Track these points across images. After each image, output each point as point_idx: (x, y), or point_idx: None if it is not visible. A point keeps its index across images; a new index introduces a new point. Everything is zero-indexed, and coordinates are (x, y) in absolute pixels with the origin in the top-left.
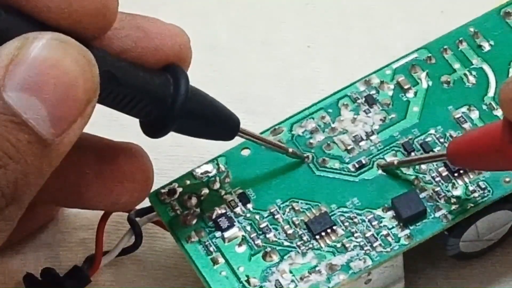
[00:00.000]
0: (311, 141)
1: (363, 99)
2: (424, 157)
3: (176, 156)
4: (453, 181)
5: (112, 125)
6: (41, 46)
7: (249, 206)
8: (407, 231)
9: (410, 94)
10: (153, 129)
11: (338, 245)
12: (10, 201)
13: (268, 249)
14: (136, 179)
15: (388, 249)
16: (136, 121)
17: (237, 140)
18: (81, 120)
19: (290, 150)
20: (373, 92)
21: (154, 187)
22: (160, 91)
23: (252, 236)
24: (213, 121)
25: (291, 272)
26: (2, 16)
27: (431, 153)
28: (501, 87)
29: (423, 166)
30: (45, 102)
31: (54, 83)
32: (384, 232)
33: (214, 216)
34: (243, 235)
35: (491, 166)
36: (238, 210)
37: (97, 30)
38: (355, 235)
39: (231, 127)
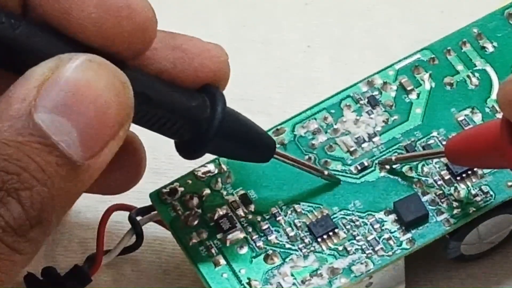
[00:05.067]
0: (313, 142)
1: (366, 100)
2: (422, 154)
3: (177, 156)
4: (456, 184)
5: None
6: (75, 67)
7: (251, 207)
8: (409, 235)
9: (413, 96)
10: (187, 151)
11: (340, 248)
12: (36, 224)
13: (270, 252)
14: (129, 162)
15: (390, 253)
16: None
17: None
18: (113, 143)
19: (326, 172)
20: (376, 93)
21: (155, 187)
22: (196, 114)
23: (253, 238)
24: (249, 144)
25: (292, 275)
26: (38, 37)
27: (429, 150)
28: (500, 86)
29: (425, 169)
30: (77, 125)
31: (86, 106)
32: (386, 235)
33: (215, 217)
34: (244, 237)
35: (489, 164)
36: (239, 211)
37: (135, 51)
38: (357, 238)
39: (267, 150)
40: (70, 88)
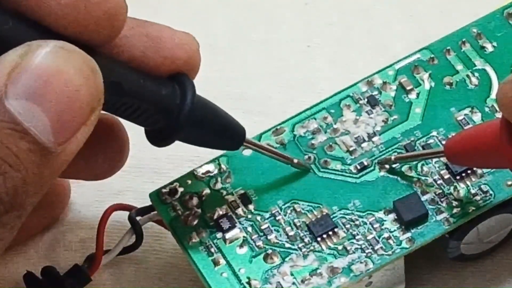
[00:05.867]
0: (313, 142)
1: (365, 100)
2: (421, 153)
3: (177, 155)
4: (455, 184)
5: None
6: (44, 54)
7: (251, 207)
8: (408, 234)
9: (412, 95)
10: (158, 138)
11: (340, 247)
12: (9, 209)
13: (269, 251)
14: (112, 147)
15: (390, 252)
16: None
17: None
18: (84, 129)
19: (295, 161)
20: (376, 93)
21: (155, 187)
22: (166, 102)
23: (253, 237)
24: (218, 131)
25: (292, 274)
26: (9, 24)
27: (428, 150)
28: (499, 86)
29: (425, 168)
30: (47, 111)
31: (57, 92)
32: (386, 235)
33: (215, 217)
34: (244, 236)
35: (488, 164)
36: (239, 211)
37: (104, 37)
38: (357, 237)
39: (237, 137)
40: (39, 74)
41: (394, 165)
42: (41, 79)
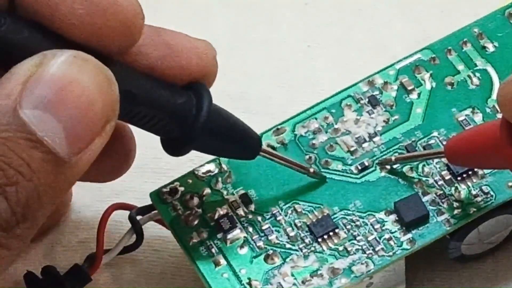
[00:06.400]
0: (314, 141)
1: (366, 99)
2: (422, 154)
3: None
4: (456, 185)
5: None
6: (59, 63)
7: (251, 207)
8: (409, 235)
9: (413, 95)
10: (173, 148)
11: (340, 248)
12: (22, 220)
13: (270, 251)
14: (119, 150)
15: (390, 253)
16: None
17: None
18: (99, 139)
19: (311, 170)
20: (377, 92)
21: (155, 187)
22: (182, 111)
23: (254, 237)
24: (234, 141)
25: (293, 275)
26: (24, 34)
27: (429, 150)
28: (500, 87)
29: (426, 169)
30: (62, 121)
31: (71, 102)
32: (387, 236)
33: (216, 217)
34: (245, 237)
35: (488, 165)
36: (240, 211)
37: (121, 47)
38: (357, 238)
39: (253, 147)
40: (54, 84)
41: (394, 166)
42: (56, 88)
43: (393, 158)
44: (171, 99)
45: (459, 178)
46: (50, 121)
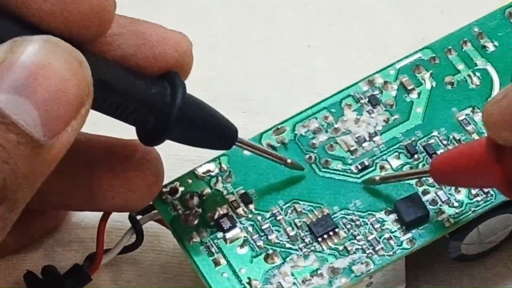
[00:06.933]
0: (314, 141)
1: (367, 99)
2: (407, 173)
3: (177, 155)
4: None
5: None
6: (30, 48)
7: (251, 206)
8: (409, 235)
9: (413, 95)
10: (148, 138)
11: (340, 248)
12: (0, 201)
13: (270, 251)
14: (147, 177)
15: (391, 253)
16: None
17: None
18: (75, 122)
19: (289, 161)
20: (377, 92)
21: None
22: (156, 101)
23: (254, 237)
24: (210, 130)
25: (293, 274)
26: None
27: (414, 170)
28: (485, 107)
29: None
30: (36, 104)
31: (44, 84)
32: (387, 235)
33: (216, 217)
34: (245, 236)
35: (475, 183)
36: (240, 210)
37: (92, 34)
38: (357, 238)
39: (228, 137)
40: (27, 69)
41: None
42: (28, 72)
43: (377, 178)
44: (145, 88)
45: None
46: (24, 105)
